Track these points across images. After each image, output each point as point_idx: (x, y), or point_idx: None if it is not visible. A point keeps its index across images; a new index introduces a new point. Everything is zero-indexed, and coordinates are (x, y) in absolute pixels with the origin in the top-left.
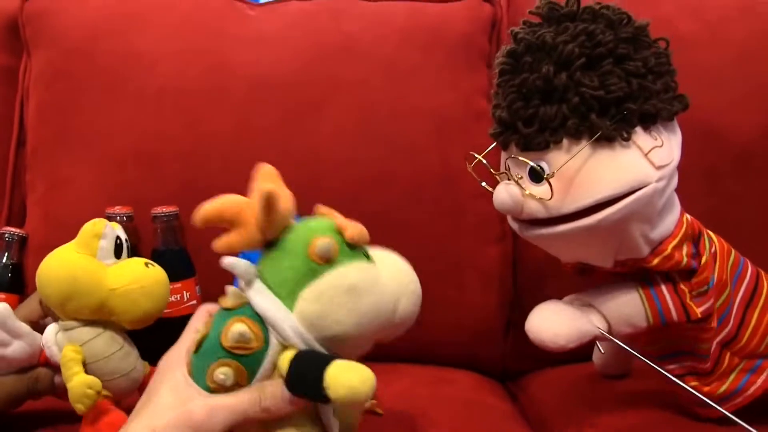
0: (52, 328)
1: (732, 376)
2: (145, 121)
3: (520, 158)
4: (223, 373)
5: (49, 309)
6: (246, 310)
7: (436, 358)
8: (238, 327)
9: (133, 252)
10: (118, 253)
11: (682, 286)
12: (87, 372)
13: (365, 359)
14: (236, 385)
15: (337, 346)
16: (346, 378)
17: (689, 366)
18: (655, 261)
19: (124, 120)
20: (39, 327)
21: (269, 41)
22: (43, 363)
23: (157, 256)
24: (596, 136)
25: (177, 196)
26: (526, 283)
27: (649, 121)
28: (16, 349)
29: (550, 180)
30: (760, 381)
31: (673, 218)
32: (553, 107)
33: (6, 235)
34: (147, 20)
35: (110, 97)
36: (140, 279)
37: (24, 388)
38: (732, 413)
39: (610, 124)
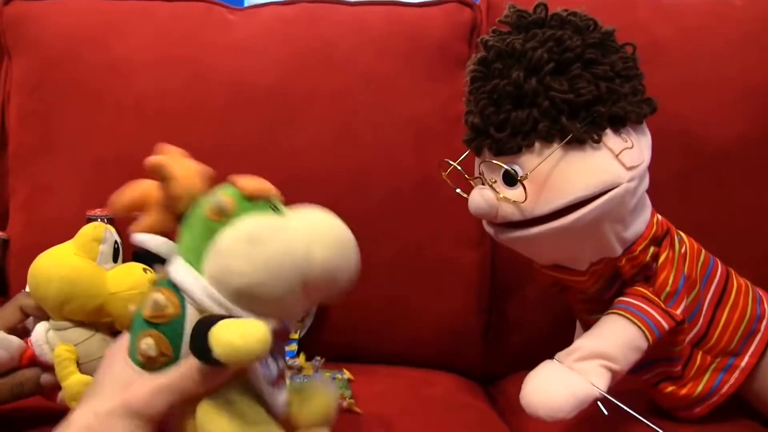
0: (42, 327)
1: (706, 376)
2: (125, 128)
3: (494, 162)
4: (146, 343)
5: (32, 310)
6: (165, 281)
7: (416, 360)
8: (153, 296)
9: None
10: (115, 258)
11: (651, 295)
12: (81, 371)
13: (345, 360)
14: (162, 356)
15: (252, 303)
16: (227, 335)
17: (662, 372)
18: (624, 261)
19: (105, 127)
20: (17, 331)
21: (248, 49)
22: (27, 363)
23: (139, 259)
24: (567, 139)
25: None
26: (505, 286)
27: (618, 124)
28: None
29: (524, 183)
30: (732, 379)
31: (644, 218)
32: (524, 111)
33: None
34: (126, 28)
35: (91, 105)
36: (140, 284)
37: (8, 392)
38: (708, 413)
39: (580, 127)
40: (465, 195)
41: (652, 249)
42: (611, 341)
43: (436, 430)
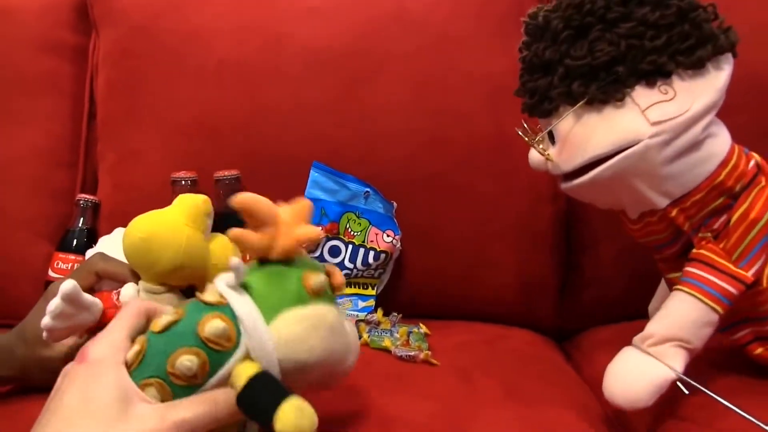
0: (132, 289)
1: None
2: (206, 94)
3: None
4: (189, 360)
5: (108, 274)
6: (225, 309)
7: (491, 316)
8: (220, 323)
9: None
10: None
11: (718, 259)
12: None
13: (421, 316)
14: (195, 378)
15: (293, 375)
16: (297, 419)
17: (752, 332)
18: (675, 213)
19: (187, 93)
20: (100, 281)
21: (323, 14)
22: (106, 322)
23: (219, 218)
24: (582, 102)
25: (238, 164)
26: (581, 242)
27: (655, 76)
28: (81, 319)
29: (555, 141)
30: None
31: (704, 169)
32: (546, 79)
33: (81, 202)
34: None
35: (173, 73)
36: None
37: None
38: None
39: (597, 88)
40: (539, 147)
41: (720, 200)
42: (680, 323)
43: (511, 382)
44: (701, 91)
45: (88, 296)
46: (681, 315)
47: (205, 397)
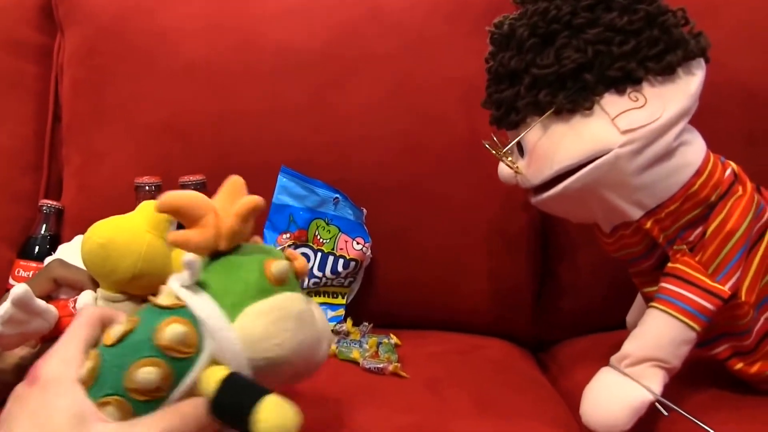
0: (89, 296)
1: None
2: (174, 95)
3: (492, 140)
4: (149, 372)
5: (67, 281)
6: (183, 312)
7: (465, 326)
8: (179, 327)
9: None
10: None
11: (693, 273)
12: None
13: (393, 326)
14: (158, 391)
15: (265, 372)
16: (279, 416)
17: (731, 347)
18: (649, 225)
19: (155, 95)
20: (58, 288)
21: (295, 15)
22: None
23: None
24: (550, 111)
25: (206, 168)
26: (557, 250)
27: (622, 83)
28: (35, 326)
29: (523, 154)
30: None
31: (675, 180)
32: (513, 90)
33: (44, 207)
34: None
35: (141, 73)
36: None
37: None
38: None
39: (564, 97)
40: (508, 161)
41: (696, 211)
42: (657, 342)
43: (483, 394)
44: (672, 97)
45: (41, 302)
46: (657, 334)
47: (169, 411)
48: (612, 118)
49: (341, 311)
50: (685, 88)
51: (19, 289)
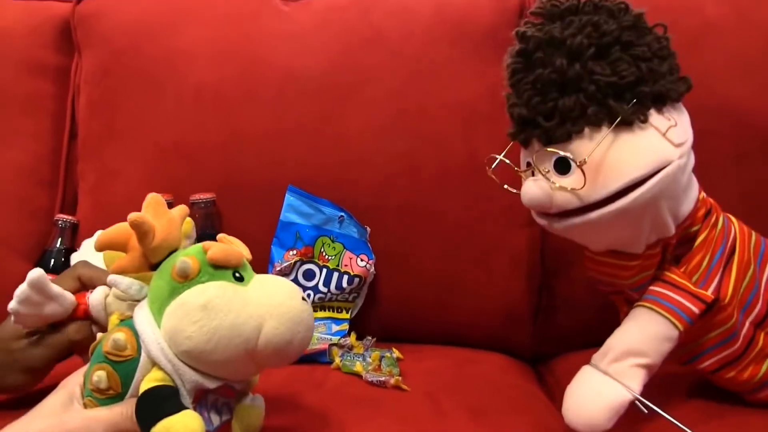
0: (101, 292)
1: None
2: (184, 116)
3: (549, 149)
4: (98, 375)
5: (90, 280)
6: (130, 322)
7: (465, 340)
8: (115, 335)
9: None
10: None
11: (680, 280)
12: None
13: (396, 340)
14: (110, 390)
15: (198, 364)
16: (170, 424)
17: (721, 359)
18: (675, 239)
19: (165, 115)
20: (85, 287)
21: (301, 37)
22: (82, 317)
23: (196, 241)
24: (618, 121)
25: (214, 187)
26: (554, 267)
27: (660, 103)
28: (50, 309)
29: (582, 168)
30: None
31: (694, 194)
32: (571, 98)
33: (60, 222)
34: (186, 20)
35: (153, 94)
36: None
37: (66, 340)
38: None
39: (627, 108)
40: (513, 190)
41: (695, 228)
42: (640, 336)
43: (480, 408)
44: (686, 120)
45: (56, 287)
46: (641, 328)
47: (122, 402)
48: (663, 133)
49: (345, 325)
50: (687, 119)
51: (34, 272)
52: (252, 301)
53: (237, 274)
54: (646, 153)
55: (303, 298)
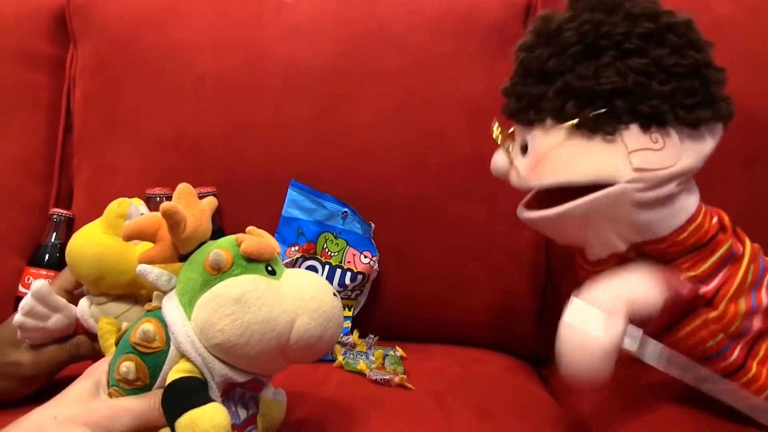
0: (85, 302)
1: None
2: (184, 109)
3: (511, 130)
4: (126, 366)
5: (72, 286)
6: (158, 313)
7: (468, 339)
8: (144, 326)
9: None
10: None
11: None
12: None
13: (398, 338)
14: (138, 381)
15: (228, 357)
16: (195, 419)
17: (716, 370)
18: (633, 253)
19: (165, 108)
20: (74, 297)
21: (304, 30)
22: (82, 332)
23: None
24: (572, 123)
25: (215, 181)
26: (560, 266)
27: (650, 121)
28: (55, 321)
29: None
30: None
31: (670, 223)
32: (541, 88)
33: (54, 216)
34: (186, 11)
35: (151, 87)
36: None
37: (66, 354)
38: None
39: (590, 116)
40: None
41: (679, 258)
42: (630, 285)
43: (489, 409)
44: (688, 151)
45: (60, 298)
46: (631, 279)
47: (150, 392)
48: (628, 152)
49: (348, 323)
50: (700, 148)
51: (38, 283)
52: (285, 296)
53: (269, 268)
54: (592, 163)
55: (334, 294)
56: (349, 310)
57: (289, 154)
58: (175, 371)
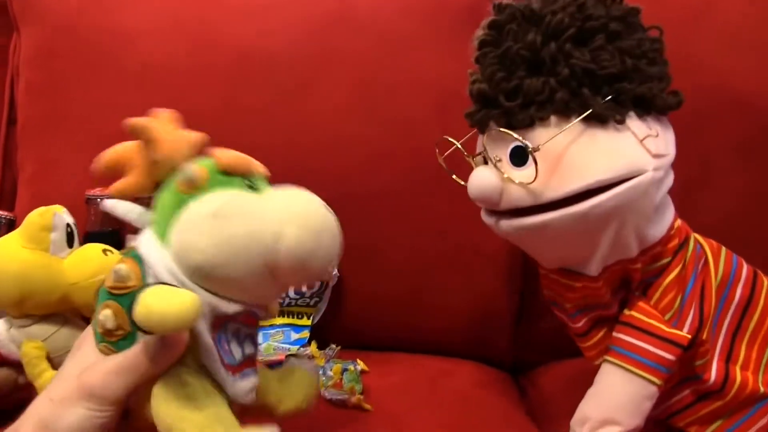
0: (1, 326)
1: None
2: (130, 99)
3: (503, 131)
4: (104, 315)
5: None
6: (132, 252)
7: (439, 347)
8: (116, 266)
9: (117, 237)
10: (70, 242)
11: (648, 321)
12: (53, 366)
13: (362, 347)
14: (119, 329)
15: (211, 282)
16: (149, 299)
17: (697, 390)
18: (639, 265)
19: (110, 99)
20: None
21: (259, 11)
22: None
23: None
24: (587, 114)
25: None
26: (537, 269)
27: (643, 108)
28: None
29: (536, 159)
30: None
31: (668, 219)
32: (539, 79)
33: None
34: None
35: (95, 76)
36: (102, 270)
37: None
38: None
39: (603, 102)
40: (462, 182)
41: (664, 260)
42: (616, 402)
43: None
44: (670, 137)
45: None
46: (615, 393)
47: (133, 347)
48: (641, 140)
49: (306, 333)
50: (672, 137)
51: None
52: (269, 210)
53: (250, 183)
54: (618, 155)
55: (326, 207)
56: (308, 319)
57: (240, 148)
58: None
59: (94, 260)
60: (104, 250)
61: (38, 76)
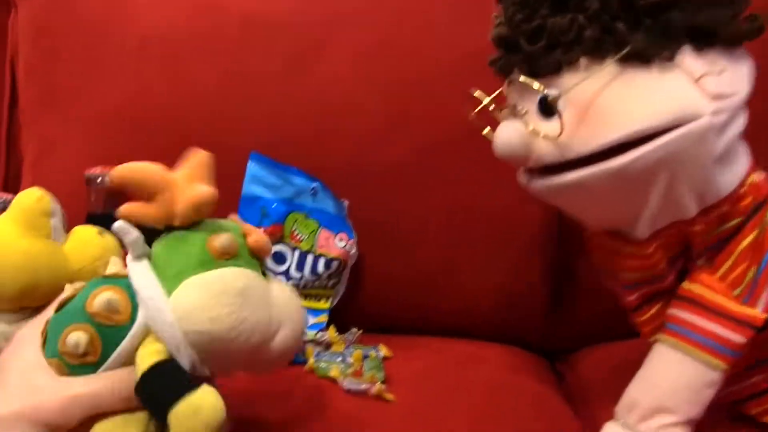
0: None
1: None
2: (129, 75)
3: (523, 81)
4: (76, 336)
5: None
6: (122, 281)
7: (469, 329)
8: (107, 294)
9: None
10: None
11: (715, 298)
12: None
13: (384, 331)
14: (88, 356)
15: (201, 347)
16: (190, 421)
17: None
18: (699, 227)
19: (108, 75)
20: None
21: None
22: None
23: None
24: (625, 52)
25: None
26: (574, 245)
27: (704, 40)
28: None
29: (561, 109)
30: None
31: (737, 172)
32: (565, 17)
33: None
34: None
35: (92, 52)
36: (103, 253)
37: None
38: None
39: (643, 38)
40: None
41: (735, 221)
42: (670, 388)
43: (477, 424)
44: (743, 73)
45: None
46: (670, 377)
47: (105, 374)
48: (696, 78)
49: (324, 317)
50: (748, 70)
51: None
52: (276, 301)
53: (263, 271)
54: (664, 99)
55: None
56: (327, 301)
57: (248, 123)
58: (149, 353)
59: (93, 243)
60: (99, 232)
61: (35, 53)
